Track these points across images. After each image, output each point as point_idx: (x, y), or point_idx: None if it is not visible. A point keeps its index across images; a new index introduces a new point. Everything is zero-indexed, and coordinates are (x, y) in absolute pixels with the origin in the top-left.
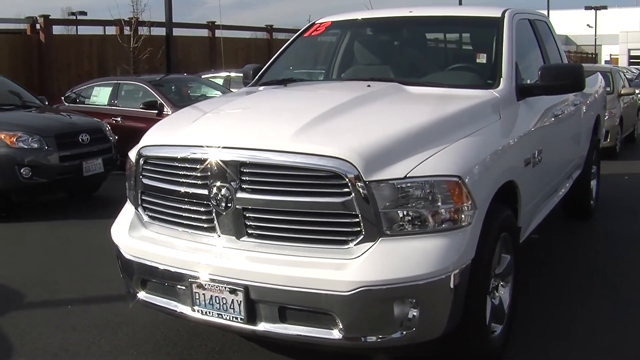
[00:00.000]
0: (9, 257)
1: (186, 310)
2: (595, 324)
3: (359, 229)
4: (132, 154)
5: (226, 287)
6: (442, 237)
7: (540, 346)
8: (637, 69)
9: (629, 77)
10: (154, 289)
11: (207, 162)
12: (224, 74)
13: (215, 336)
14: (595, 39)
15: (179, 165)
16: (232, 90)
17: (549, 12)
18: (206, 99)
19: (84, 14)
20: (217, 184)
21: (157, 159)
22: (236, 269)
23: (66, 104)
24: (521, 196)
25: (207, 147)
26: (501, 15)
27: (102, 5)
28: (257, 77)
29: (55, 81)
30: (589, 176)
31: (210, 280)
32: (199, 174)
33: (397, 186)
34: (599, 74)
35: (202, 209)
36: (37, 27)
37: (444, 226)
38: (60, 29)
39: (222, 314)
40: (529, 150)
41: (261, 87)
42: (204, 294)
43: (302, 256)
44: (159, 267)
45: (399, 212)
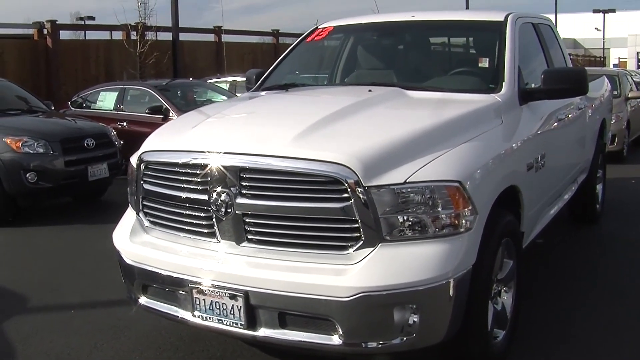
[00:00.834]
0: (14, 260)
1: (187, 315)
2: (597, 328)
3: (359, 235)
4: (134, 159)
5: (226, 293)
6: (443, 242)
7: (542, 349)
8: None
9: (637, 80)
10: (155, 295)
11: (207, 167)
12: (230, 79)
13: (217, 341)
14: (603, 42)
15: (180, 170)
16: (237, 94)
17: (557, 15)
18: (212, 103)
19: (92, 18)
20: (217, 189)
21: (158, 164)
22: (236, 274)
23: (73, 108)
24: (524, 201)
25: (208, 152)
26: (504, 19)
27: (110, 10)
28: (259, 82)
29: (62, 86)
30: (595, 180)
31: (210, 285)
32: (199, 179)
33: (397, 191)
34: (604, 77)
35: (203, 215)
36: (45, 32)
37: (444, 231)
38: (68, 34)
39: (222, 320)
40: (531, 154)
41: (263, 92)
42: (204, 300)
43: (302, 262)
44: (160, 272)
45: (398, 217)
